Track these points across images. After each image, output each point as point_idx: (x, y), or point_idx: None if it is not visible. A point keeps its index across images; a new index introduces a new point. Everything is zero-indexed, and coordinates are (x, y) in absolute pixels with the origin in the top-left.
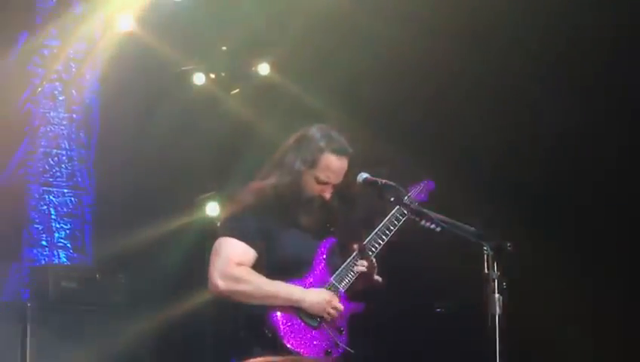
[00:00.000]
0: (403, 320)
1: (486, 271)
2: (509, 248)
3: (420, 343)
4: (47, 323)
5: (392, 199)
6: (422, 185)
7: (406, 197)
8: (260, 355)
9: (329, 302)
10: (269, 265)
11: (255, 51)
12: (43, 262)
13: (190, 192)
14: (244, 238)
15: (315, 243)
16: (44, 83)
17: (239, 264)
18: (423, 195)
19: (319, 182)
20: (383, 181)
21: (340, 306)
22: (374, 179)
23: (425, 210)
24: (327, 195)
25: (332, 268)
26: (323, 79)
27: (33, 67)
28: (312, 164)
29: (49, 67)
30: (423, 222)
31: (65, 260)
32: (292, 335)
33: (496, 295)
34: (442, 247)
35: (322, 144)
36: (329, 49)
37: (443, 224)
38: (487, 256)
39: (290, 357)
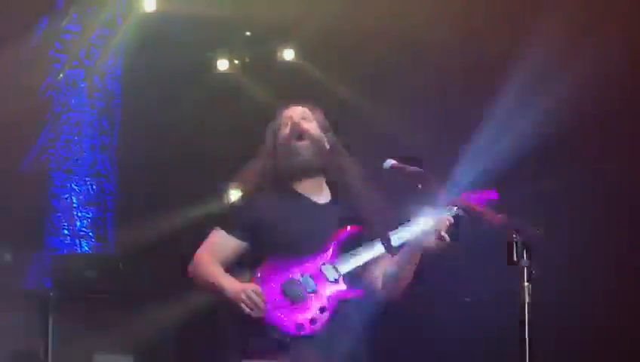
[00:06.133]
0: (431, 310)
1: (515, 259)
2: (539, 235)
3: (449, 333)
4: (70, 313)
5: (420, 186)
6: (480, 194)
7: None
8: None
9: (244, 292)
10: (273, 246)
11: (280, 37)
12: (65, 250)
13: (213, 179)
14: (228, 229)
15: (327, 221)
16: (66, 69)
17: (208, 252)
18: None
19: (282, 129)
20: (411, 168)
21: (255, 297)
22: (402, 165)
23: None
24: (303, 142)
25: (341, 251)
26: (349, 65)
27: (54, 53)
28: (276, 127)
29: (70, 53)
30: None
31: (87, 249)
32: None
33: (526, 283)
34: (470, 235)
35: (279, 109)
36: (355, 34)
37: (470, 211)
38: (517, 243)
39: None
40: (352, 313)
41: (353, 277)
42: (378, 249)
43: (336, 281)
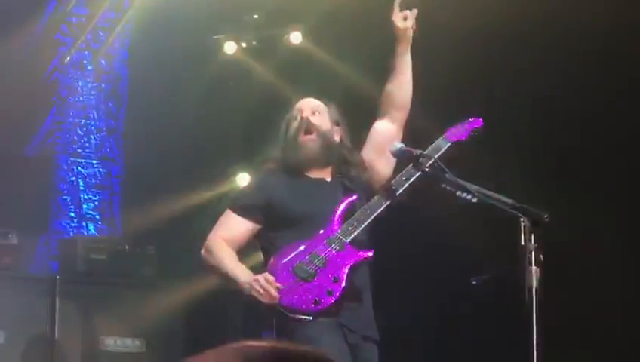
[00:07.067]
0: (438, 293)
1: (522, 243)
2: (546, 219)
3: (456, 315)
4: (76, 296)
5: (428, 169)
6: (465, 124)
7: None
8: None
9: (256, 281)
10: (284, 225)
11: (287, 19)
12: (71, 233)
13: (220, 163)
14: (239, 211)
15: (331, 197)
16: (73, 52)
17: (223, 235)
18: (463, 135)
19: (292, 123)
20: (419, 151)
21: (266, 285)
22: (409, 149)
23: (461, 181)
24: (310, 136)
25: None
26: (357, 48)
27: (61, 36)
28: (289, 119)
29: (77, 36)
30: (459, 193)
31: (93, 232)
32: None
33: (533, 267)
34: (478, 218)
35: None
36: (364, 16)
37: (479, 195)
38: (524, 227)
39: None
40: (365, 277)
41: (359, 242)
42: (376, 208)
43: (342, 250)
